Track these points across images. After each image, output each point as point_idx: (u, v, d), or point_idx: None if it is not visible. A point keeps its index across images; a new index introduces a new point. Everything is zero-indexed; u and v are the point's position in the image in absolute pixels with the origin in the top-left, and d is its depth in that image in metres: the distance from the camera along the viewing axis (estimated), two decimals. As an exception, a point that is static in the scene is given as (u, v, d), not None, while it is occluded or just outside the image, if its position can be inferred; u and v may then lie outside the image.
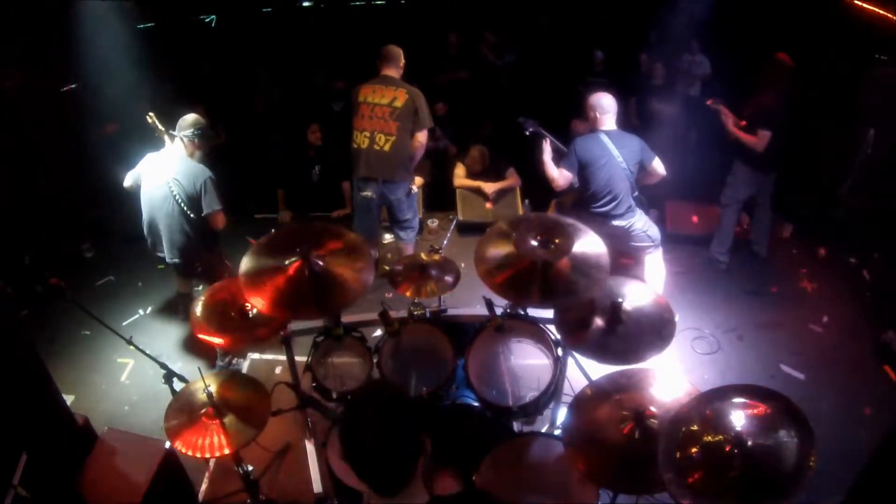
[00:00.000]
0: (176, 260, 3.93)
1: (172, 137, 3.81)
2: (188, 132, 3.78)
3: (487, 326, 2.83)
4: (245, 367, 4.28)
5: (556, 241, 2.55)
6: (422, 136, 4.37)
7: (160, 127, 3.77)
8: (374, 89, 4.29)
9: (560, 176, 4.07)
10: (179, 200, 3.71)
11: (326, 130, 5.85)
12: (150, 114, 3.77)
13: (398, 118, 4.23)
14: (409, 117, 4.25)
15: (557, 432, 2.82)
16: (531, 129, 4.30)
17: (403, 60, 4.38)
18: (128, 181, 3.85)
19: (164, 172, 3.72)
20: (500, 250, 2.59)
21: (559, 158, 4.16)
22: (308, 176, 5.81)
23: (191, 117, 3.82)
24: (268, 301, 2.42)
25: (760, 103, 4.59)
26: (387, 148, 4.26)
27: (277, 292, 2.44)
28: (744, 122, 4.68)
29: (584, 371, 2.76)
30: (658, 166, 4.07)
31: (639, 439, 2.12)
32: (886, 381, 4.00)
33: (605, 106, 4.05)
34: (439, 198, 5.81)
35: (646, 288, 2.79)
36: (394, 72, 4.34)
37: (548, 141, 4.19)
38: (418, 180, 4.70)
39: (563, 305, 2.59)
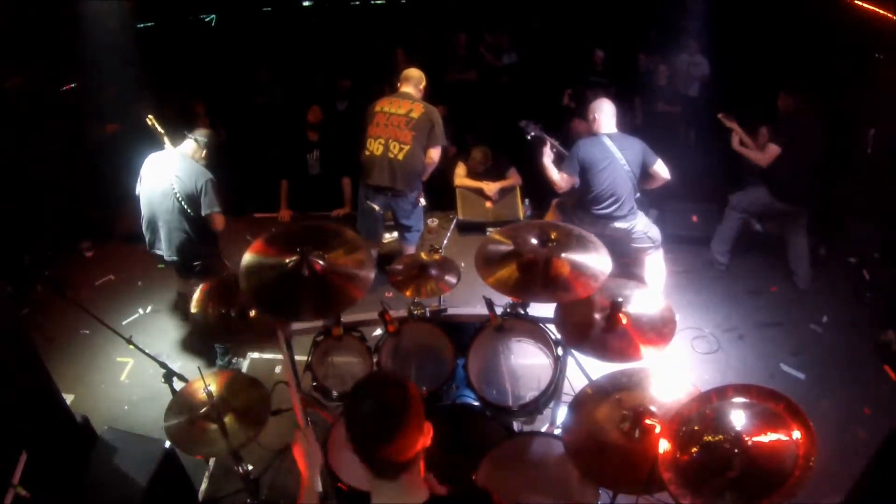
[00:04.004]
0: (174, 258, 3.94)
1: (175, 140, 3.84)
2: (203, 138, 3.90)
3: (487, 326, 2.83)
4: (245, 366, 4.28)
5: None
6: (435, 153, 4.40)
7: (160, 129, 3.79)
8: (391, 101, 4.36)
9: (561, 179, 4.08)
10: (180, 198, 3.72)
11: (328, 121, 5.85)
12: (150, 116, 3.79)
13: (414, 128, 4.24)
14: (424, 130, 4.27)
15: (557, 432, 2.82)
16: (533, 133, 4.31)
17: (424, 83, 4.44)
18: (138, 188, 3.88)
19: (166, 170, 3.74)
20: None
21: (560, 162, 4.16)
22: (307, 164, 5.80)
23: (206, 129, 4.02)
24: (269, 302, 2.42)
25: (781, 118, 4.51)
26: (400, 157, 4.26)
27: (279, 293, 2.44)
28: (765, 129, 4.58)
29: (584, 370, 2.75)
30: (661, 169, 4.08)
31: (639, 439, 2.12)
32: (886, 381, 4.00)
33: (606, 109, 4.07)
34: (439, 197, 5.81)
35: (645, 288, 2.80)
36: (413, 90, 4.40)
37: (549, 145, 4.20)
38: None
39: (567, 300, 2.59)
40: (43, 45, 5.46)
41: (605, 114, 4.07)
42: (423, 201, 4.70)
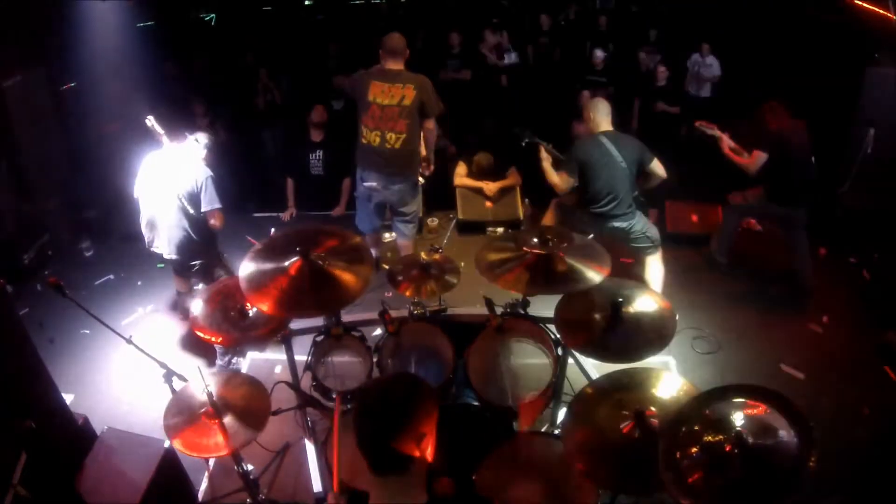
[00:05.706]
0: (174, 256, 3.94)
1: (174, 140, 3.84)
2: (204, 140, 3.94)
3: (487, 326, 2.83)
4: (245, 366, 4.28)
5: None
6: (430, 124, 4.37)
7: (159, 129, 3.79)
8: (382, 89, 4.23)
9: (562, 180, 4.10)
10: (180, 195, 3.73)
11: (329, 120, 5.86)
12: (150, 117, 3.79)
13: (407, 116, 4.22)
14: (417, 111, 4.25)
15: (557, 432, 2.82)
16: (527, 140, 4.33)
17: (408, 50, 4.30)
18: (136, 188, 3.87)
19: (167, 167, 3.75)
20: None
21: (558, 165, 4.18)
22: (309, 163, 5.80)
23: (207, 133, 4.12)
24: (269, 302, 2.42)
25: (760, 123, 4.44)
26: (398, 146, 4.27)
27: (278, 292, 2.44)
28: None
29: (584, 371, 2.76)
30: (657, 168, 4.08)
31: (639, 439, 2.12)
32: (886, 381, 3.99)
33: (601, 108, 4.10)
34: (439, 197, 5.81)
35: (645, 288, 2.80)
36: (399, 64, 4.27)
37: (544, 150, 4.22)
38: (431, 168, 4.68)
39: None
40: (42, 44, 5.45)
41: (600, 113, 4.09)
42: (421, 180, 4.63)
